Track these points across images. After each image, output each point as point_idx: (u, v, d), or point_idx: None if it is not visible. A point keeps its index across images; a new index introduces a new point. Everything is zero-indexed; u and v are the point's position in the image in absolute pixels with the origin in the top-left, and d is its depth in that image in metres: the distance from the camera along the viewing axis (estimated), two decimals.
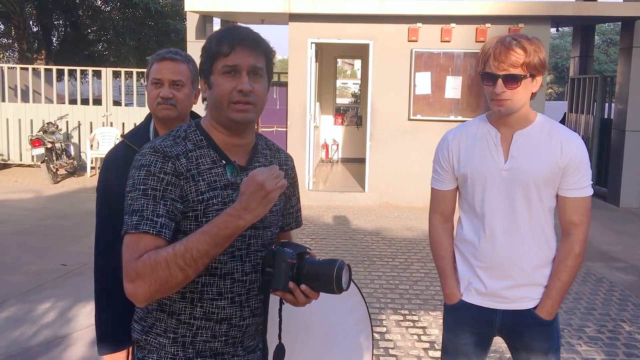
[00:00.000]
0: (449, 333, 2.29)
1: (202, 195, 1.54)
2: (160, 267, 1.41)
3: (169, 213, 1.49)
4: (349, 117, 13.50)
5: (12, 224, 7.57)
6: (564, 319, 4.73)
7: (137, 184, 1.50)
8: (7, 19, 15.76)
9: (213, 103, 1.58)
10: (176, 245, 1.42)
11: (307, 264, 1.53)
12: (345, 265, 1.51)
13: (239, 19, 11.49)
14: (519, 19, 8.89)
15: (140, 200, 1.48)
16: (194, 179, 1.55)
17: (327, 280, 1.49)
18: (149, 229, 1.45)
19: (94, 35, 19.63)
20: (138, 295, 1.44)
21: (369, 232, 7.54)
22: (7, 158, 11.91)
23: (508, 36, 2.03)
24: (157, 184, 1.50)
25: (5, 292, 5.08)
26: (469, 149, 2.16)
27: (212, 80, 1.56)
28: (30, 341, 4.18)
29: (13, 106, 11.82)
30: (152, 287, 1.42)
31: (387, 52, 9.12)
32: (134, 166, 1.54)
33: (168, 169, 1.52)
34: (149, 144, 1.57)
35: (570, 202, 2.10)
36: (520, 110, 2.07)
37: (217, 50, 1.55)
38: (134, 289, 1.43)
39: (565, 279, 2.11)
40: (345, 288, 1.51)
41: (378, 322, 4.63)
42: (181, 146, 1.57)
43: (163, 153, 1.53)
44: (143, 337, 1.64)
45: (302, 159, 9.36)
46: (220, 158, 1.61)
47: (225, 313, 1.61)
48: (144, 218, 1.46)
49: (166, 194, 1.50)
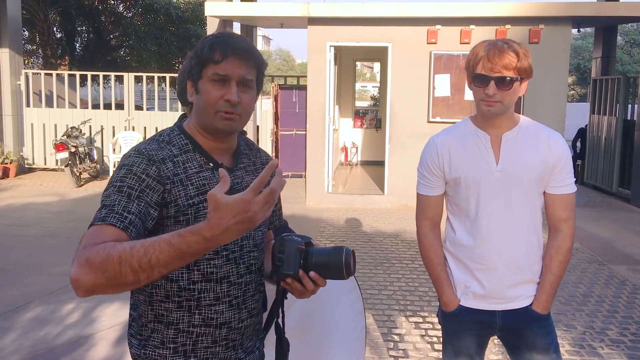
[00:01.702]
0: (450, 337, 2.31)
1: (192, 199, 1.53)
2: (112, 262, 1.26)
3: (140, 213, 1.43)
4: (368, 120, 13.51)
5: (37, 226, 7.72)
6: (586, 321, 4.69)
7: (114, 182, 1.47)
8: (31, 25, 16.06)
9: (199, 109, 1.57)
10: (136, 245, 1.27)
11: (315, 252, 1.57)
12: (352, 251, 1.56)
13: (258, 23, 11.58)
14: (539, 20, 8.83)
15: (114, 196, 1.44)
16: (182, 183, 1.53)
17: (337, 266, 1.53)
18: (116, 222, 1.38)
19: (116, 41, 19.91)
20: (80, 282, 1.28)
21: (388, 234, 7.54)
22: (32, 162, 12.14)
23: (499, 40, 2.08)
24: (136, 183, 1.46)
25: (30, 293, 5.18)
26: (460, 153, 2.18)
27: (201, 86, 1.55)
28: (55, 341, 4.26)
29: (37, 111, 12.04)
30: (97, 279, 1.27)
31: (406, 55, 9.12)
32: (118, 166, 1.52)
33: (151, 172, 1.49)
34: (134, 148, 1.56)
35: (558, 198, 2.17)
36: (507, 112, 2.11)
37: (209, 56, 1.53)
38: (78, 275, 1.28)
39: (558, 273, 2.17)
40: (353, 273, 1.56)
41: (397, 325, 4.63)
42: (166, 150, 1.56)
43: (148, 156, 1.51)
44: (141, 351, 1.61)
45: (321, 161, 9.40)
46: (207, 161, 1.60)
47: (224, 317, 1.61)
48: (113, 212, 1.40)
49: (142, 195, 1.46)
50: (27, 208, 8.84)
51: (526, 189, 2.13)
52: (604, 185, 10.84)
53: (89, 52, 18.60)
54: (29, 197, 9.66)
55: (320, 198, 9.38)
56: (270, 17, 9.72)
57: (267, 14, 9.52)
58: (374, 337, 4.40)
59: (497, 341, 3.78)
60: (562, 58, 8.97)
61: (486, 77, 2.04)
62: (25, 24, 15.23)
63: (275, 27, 11.74)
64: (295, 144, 11.54)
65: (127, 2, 18.73)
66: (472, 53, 2.09)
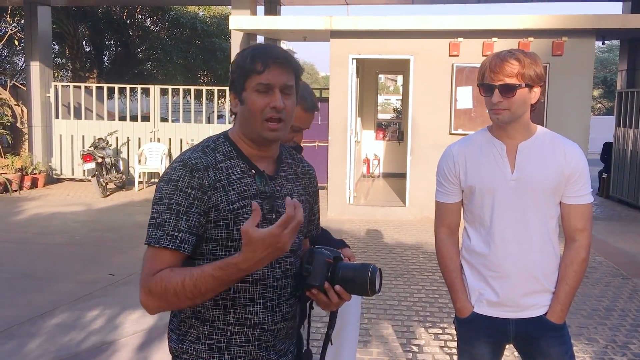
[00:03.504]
0: (464, 344, 2.33)
1: (233, 204, 1.60)
2: (170, 294, 1.50)
3: (190, 228, 1.56)
4: (390, 132, 13.53)
5: (64, 235, 7.88)
6: (608, 335, 4.64)
7: (163, 198, 1.56)
8: (61, 39, 16.45)
9: (246, 119, 1.64)
10: (186, 279, 1.48)
11: (342, 266, 1.63)
12: (378, 269, 1.61)
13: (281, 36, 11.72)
14: (563, 33, 8.80)
15: (165, 214, 1.55)
16: (224, 189, 1.60)
17: (362, 282, 1.59)
18: (169, 244, 1.53)
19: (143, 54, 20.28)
20: (149, 307, 1.56)
21: (409, 246, 7.54)
22: (60, 172, 12.40)
23: (504, 50, 2.13)
24: (183, 199, 1.55)
25: (56, 300, 5.30)
26: (475, 161, 2.21)
27: (245, 97, 1.62)
28: (79, 346, 4.35)
29: (66, 123, 12.32)
30: (161, 306, 1.55)
31: (428, 67, 9.15)
32: (163, 179, 1.60)
33: (195, 183, 1.57)
34: (180, 158, 1.63)
35: (574, 209, 2.18)
36: (520, 121, 2.14)
37: (251, 68, 1.59)
38: (145, 301, 1.55)
39: (573, 283, 2.17)
40: (377, 291, 1.61)
41: (416, 335, 4.63)
42: (210, 157, 1.63)
43: (191, 167, 1.58)
44: (179, 346, 1.68)
45: (343, 173, 9.44)
46: (249, 168, 1.66)
47: (258, 318, 1.65)
48: (165, 233, 1.54)
49: (190, 209, 1.56)
50: (55, 217, 9.04)
51: (541, 198, 2.15)
52: (629, 199, 10.69)
53: (116, 65, 18.96)
54: (57, 207, 9.87)
55: (342, 209, 9.41)
56: (293, 31, 9.84)
57: (290, 27, 9.63)
58: (392, 347, 4.41)
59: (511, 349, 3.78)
60: (586, 71, 8.90)
61: (490, 85, 2.09)
62: (56, 38, 15.62)
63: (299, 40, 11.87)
64: (317, 155, 11.60)
65: (154, 17, 19.08)
66: (481, 65, 2.16)
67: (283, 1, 12.92)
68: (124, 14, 17.93)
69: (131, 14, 18.22)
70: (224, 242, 1.60)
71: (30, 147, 12.52)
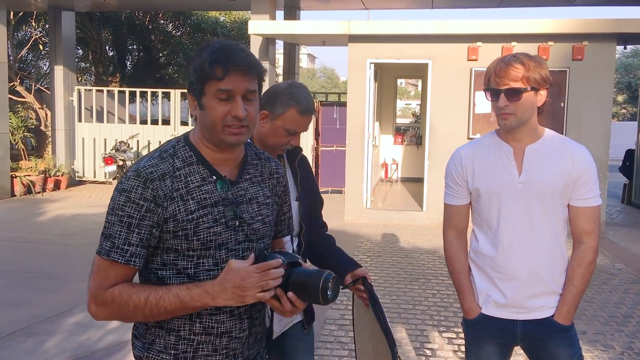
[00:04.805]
0: (472, 346, 2.33)
1: (192, 214, 1.54)
2: (127, 309, 1.51)
3: (142, 241, 1.52)
4: (408, 137, 13.50)
5: (83, 236, 8.01)
6: (625, 342, 4.58)
7: (116, 209, 1.52)
8: (85, 44, 16.73)
9: (206, 125, 1.56)
10: (150, 297, 1.51)
11: (296, 272, 1.53)
12: (332, 276, 1.52)
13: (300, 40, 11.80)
14: (583, 37, 8.71)
15: (116, 226, 1.52)
16: (182, 198, 1.54)
17: (314, 290, 1.50)
18: (118, 258, 1.52)
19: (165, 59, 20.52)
20: (98, 318, 1.58)
21: (425, 250, 7.52)
22: (82, 175, 12.60)
23: (510, 54, 2.14)
24: (135, 211, 1.51)
25: (75, 299, 5.39)
26: (483, 164, 2.22)
27: (205, 103, 1.54)
28: (96, 345, 4.42)
29: (88, 126, 12.53)
30: (112, 317, 1.56)
31: (447, 71, 9.13)
32: (117, 188, 1.55)
33: (148, 195, 1.51)
34: (134, 166, 1.57)
35: (582, 211, 2.17)
36: (527, 124, 2.14)
37: (210, 73, 1.51)
38: (96, 312, 1.56)
39: (580, 285, 2.17)
40: (330, 299, 1.51)
41: (430, 339, 4.62)
42: (167, 164, 1.56)
43: (145, 177, 1.52)
44: (145, 354, 1.63)
45: (360, 177, 9.45)
46: (210, 174, 1.60)
47: (225, 327, 1.61)
48: (115, 246, 1.52)
49: (143, 222, 1.52)
50: (75, 219, 9.19)
51: (548, 201, 2.15)
52: None
53: (139, 69, 19.21)
54: (78, 209, 10.04)
55: (359, 214, 9.42)
56: (311, 35, 9.89)
57: (308, 32, 9.69)
58: (405, 350, 4.41)
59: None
60: (606, 75, 8.81)
61: (496, 90, 2.11)
62: (79, 42, 15.89)
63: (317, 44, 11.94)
64: (335, 159, 11.64)
65: (176, 22, 19.30)
66: (487, 69, 2.17)
67: (302, 6, 12.99)
68: (146, 19, 18.18)
69: (153, 19, 18.47)
70: (184, 252, 1.56)
71: (54, 149, 12.75)
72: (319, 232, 2.48)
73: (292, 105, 2.16)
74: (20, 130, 12.11)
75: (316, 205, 2.49)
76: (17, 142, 12.10)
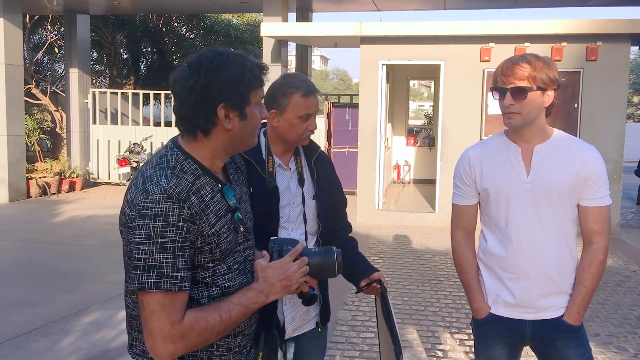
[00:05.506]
0: (481, 346, 2.34)
1: (214, 227, 1.54)
2: (206, 334, 1.49)
3: (186, 264, 1.47)
4: (421, 138, 13.47)
5: (98, 237, 8.09)
6: (638, 344, 4.55)
7: (153, 237, 1.43)
8: (100, 47, 16.88)
9: (244, 134, 1.62)
10: (222, 313, 1.51)
11: (307, 254, 1.72)
12: (339, 250, 1.76)
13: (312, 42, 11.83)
14: (597, 37, 8.66)
15: (158, 254, 1.43)
16: (204, 213, 1.53)
17: (330, 268, 1.74)
18: (171, 287, 1.43)
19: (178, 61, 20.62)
20: (174, 355, 1.45)
21: (437, 252, 7.51)
22: (96, 176, 12.72)
23: (518, 55, 2.15)
24: (176, 234, 1.45)
25: (89, 299, 5.46)
26: (491, 164, 2.23)
27: (249, 111, 1.60)
28: (110, 344, 4.47)
29: (103, 128, 12.65)
30: (189, 349, 1.48)
31: (459, 73, 9.11)
32: (146, 215, 1.44)
33: (185, 214, 1.47)
34: (157, 188, 1.47)
35: (591, 211, 2.17)
36: (534, 124, 2.15)
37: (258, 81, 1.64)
38: (173, 351, 1.44)
39: (590, 285, 2.17)
40: (342, 271, 1.79)
41: (441, 341, 4.62)
42: (184, 180, 1.52)
43: (177, 197, 1.47)
44: None
45: (372, 179, 9.45)
46: (215, 183, 1.61)
47: (241, 327, 1.66)
48: (163, 275, 1.43)
49: (185, 243, 1.46)
50: (90, 220, 9.29)
51: (557, 200, 2.15)
52: None
53: (152, 72, 19.33)
54: (92, 210, 10.14)
55: (371, 215, 9.42)
56: (323, 37, 9.91)
57: (320, 34, 9.71)
58: (417, 352, 4.41)
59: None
60: (620, 76, 8.74)
61: (502, 89, 2.11)
62: (94, 45, 16.04)
63: (330, 46, 11.95)
64: (347, 161, 11.64)
65: (189, 24, 19.40)
66: (495, 70, 2.18)
67: (314, 8, 13.02)
68: (160, 22, 18.31)
69: (167, 22, 18.59)
70: (205, 264, 1.56)
71: (69, 151, 12.88)
72: (341, 233, 2.47)
73: (293, 92, 2.17)
74: (36, 132, 12.25)
75: (338, 206, 2.48)
76: (33, 144, 12.23)
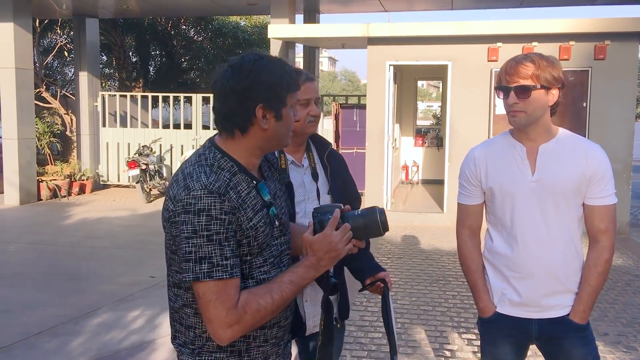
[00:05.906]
0: (487, 345, 2.34)
1: (251, 221, 1.61)
2: (263, 313, 1.57)
3: (233, 252, 1.56)
4: (429, 139, 13.45)
5: (108, 238, 8.15)
6: None
7: (199, 230, 1.52)
8: (109, 50, 16.99)
9: (280, 134, 1.69)
10: (273, 294, 1.58)
11: (349, 218, 1.72)
12: (382, 208, 1.74)
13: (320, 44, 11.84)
14: (605, 36, 8.62)
15: (207, 247, 1.52)
16: (242, 207, 1.60)
17: (375, 227, 1.71)
18: (223, 275, 1.52)
19: (187, 64, 20.73)
20: (233, 338, 1.57)
21: (445, 252, 7.50)
22: (106, 179, 12.80)
23: (522, 54, 2.16)
24: (220, 227, 1.53)
25: (99, 300, 5.50)
26: (496, 164, 2.24)
27: (284, 112, 1.68)
28: (119, 345, 4.51)
29: (112, 131, 12.73)
30: (245, 330, 1.57)
31: (467, 73, 9.10)
32: (190, 210, 1.53)
33: (226, 207, 1.55)
34: (198, 184, 1.56)
35: (597, 210, 2.17)
36: (539, 123, 2.15)
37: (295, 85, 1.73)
38: (231, 334, 1.55)
39: (596, 284, 2.17)
40: (388, 228, 1.74)
41: (449, 341, 4.62)
42: (222, 176, 1.60)
43: (217, 192, 1.55)
44: (196, 358, 1.67)
45: (380, 179, 9.46)
46: (251, 179, 1.67)
47: (277, 318, 1.71)
48: (214, 265, 1.52)
49: (228, 234, 1.55)
50: (100, 222, 9.35)
51: (562, 199, 2.16)
52: None
53: (161, 74, 19.43)
54: (103, 212, 10.21)
55: None
56: (330, 38, 9.93)
57: (327, 35, 9.73)
58: (425, 352, 4.41)
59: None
60: (629, 75, 8.70)
61: (506, 87, 2.13)
62: (103, 49, 16.15)
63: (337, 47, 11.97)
64: (355, 162, 11.63)
65: (198, 27, 19.49)
66: (499, 70, 2.19)
67: (322, 9, 13.04)
68: (168, 25, 18.40)
69: (176, 25, 18.68)
70: (243, 257, 1.62)
71: (79, 154, 12.98)
72: None
73: None
74: (46, 135, 12.35)
75: (351, 203, 2.50)
76: (44, 147, 12.34)
